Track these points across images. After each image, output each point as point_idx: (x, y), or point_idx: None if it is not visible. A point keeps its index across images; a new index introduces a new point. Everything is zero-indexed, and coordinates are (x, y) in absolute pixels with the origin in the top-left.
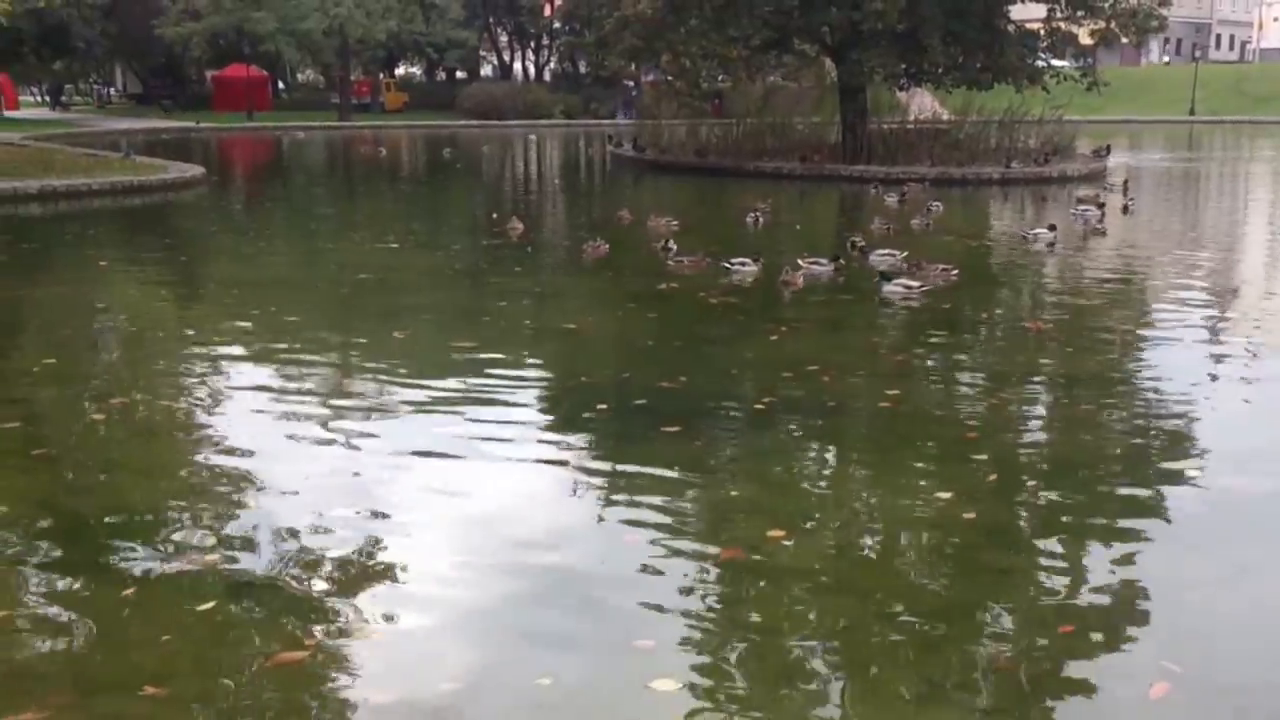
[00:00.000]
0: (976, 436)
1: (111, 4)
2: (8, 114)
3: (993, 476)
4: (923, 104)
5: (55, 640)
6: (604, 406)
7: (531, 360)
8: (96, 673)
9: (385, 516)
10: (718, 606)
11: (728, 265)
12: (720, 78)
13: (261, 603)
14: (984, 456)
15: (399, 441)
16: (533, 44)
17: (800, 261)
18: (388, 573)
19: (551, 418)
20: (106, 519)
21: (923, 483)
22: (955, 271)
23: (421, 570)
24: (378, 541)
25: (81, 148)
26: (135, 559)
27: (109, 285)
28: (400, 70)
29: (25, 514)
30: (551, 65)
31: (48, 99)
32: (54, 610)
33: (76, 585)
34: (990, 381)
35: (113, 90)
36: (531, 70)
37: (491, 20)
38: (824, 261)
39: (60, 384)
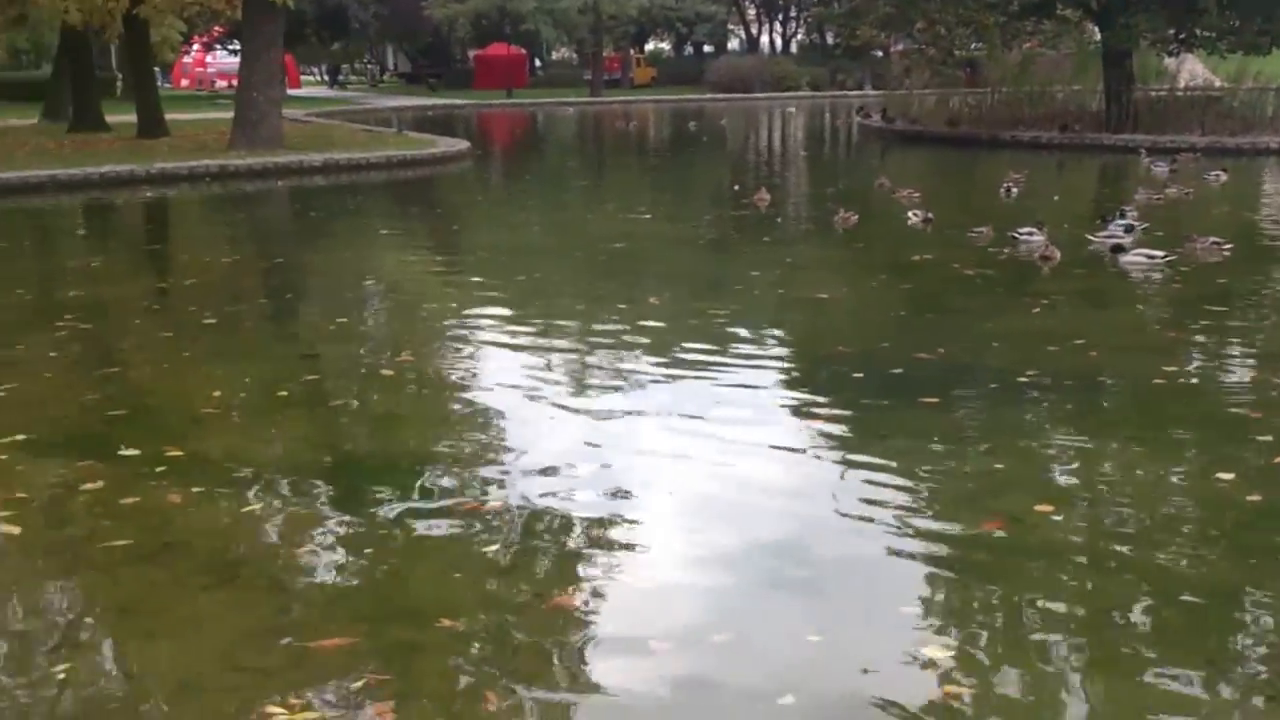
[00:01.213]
0: (1260, 417)
1: None
2: (291, 92)
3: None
4: (1193, 70)
5: (355, 573)
6: (859, 376)
7: (784, 328)
8: (393, 604)
9: (640, 477)
10: (984, 577)
11: (1015, 236)
12: (975, 45)
13: (536, 549)
14: (1269, 438)
15: (651, 403)
16: (780, 16)
17: (1090, 236)
18: (646, 530)
19: (806, 386)
20: (399, 465)
21: (1202, 463)
22: (1228, 245)
23: (679, 529)
24: (634, 501)
25: (358, 124)
26: (425, 502)
27: (388, 251)
28: (649, 46)
29: (326, 459)
30: (799, 37)
31: (326, 78)
32: (353, 545)
33: (372, 524)
34: (1272, 361)
35: (384, 70)
36: (779, 43)
37: None
38: (1120, 232)
39: (351, 342)
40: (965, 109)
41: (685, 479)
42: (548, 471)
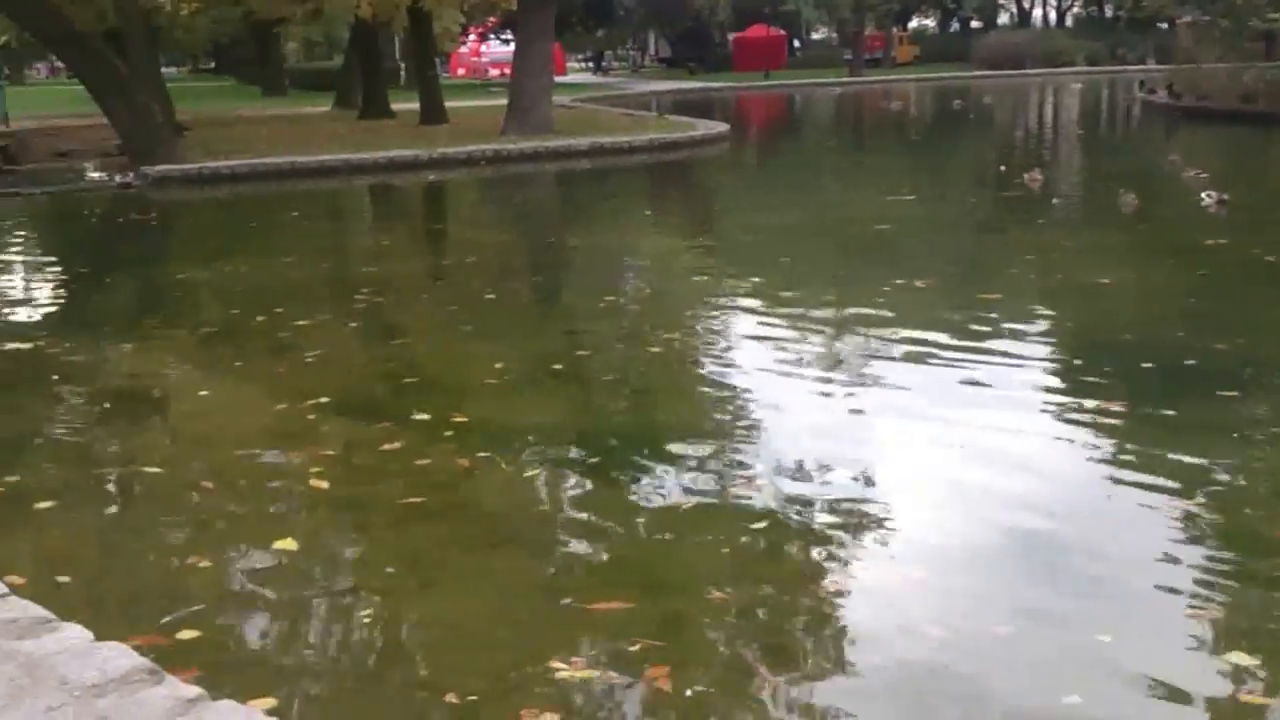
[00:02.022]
0: None
1: None
2: (558, 79)
3: None
4: None
5: (627, 541)
6: (1147, 366)
7: (1062, 314)
8: (664, 573)
9: (906, 463)
10: None
11: None
12: (1273, 15)
13: (801, 529)
14: None
15: (918, 388)
16: None
17: None
18: (913, 517)
19: (1086, 375)
20: (667, 440)
21: None
22: None
23: (948, 517)
24: (900, 487)
25: (620, 108)
26: (691, 477)
27: (651, 232)
28: (913, 23)
29: (598, 432)
30: (1075, 9)
31: (590, 65)
32: (625, 514)
33: (642, 495)
34: None
35: (645, 55)
36: (1052, 16)
37: None
38: None
39: (618, 319)
40: (1262, 84)
41: (954, 467)
42: (812, 454)
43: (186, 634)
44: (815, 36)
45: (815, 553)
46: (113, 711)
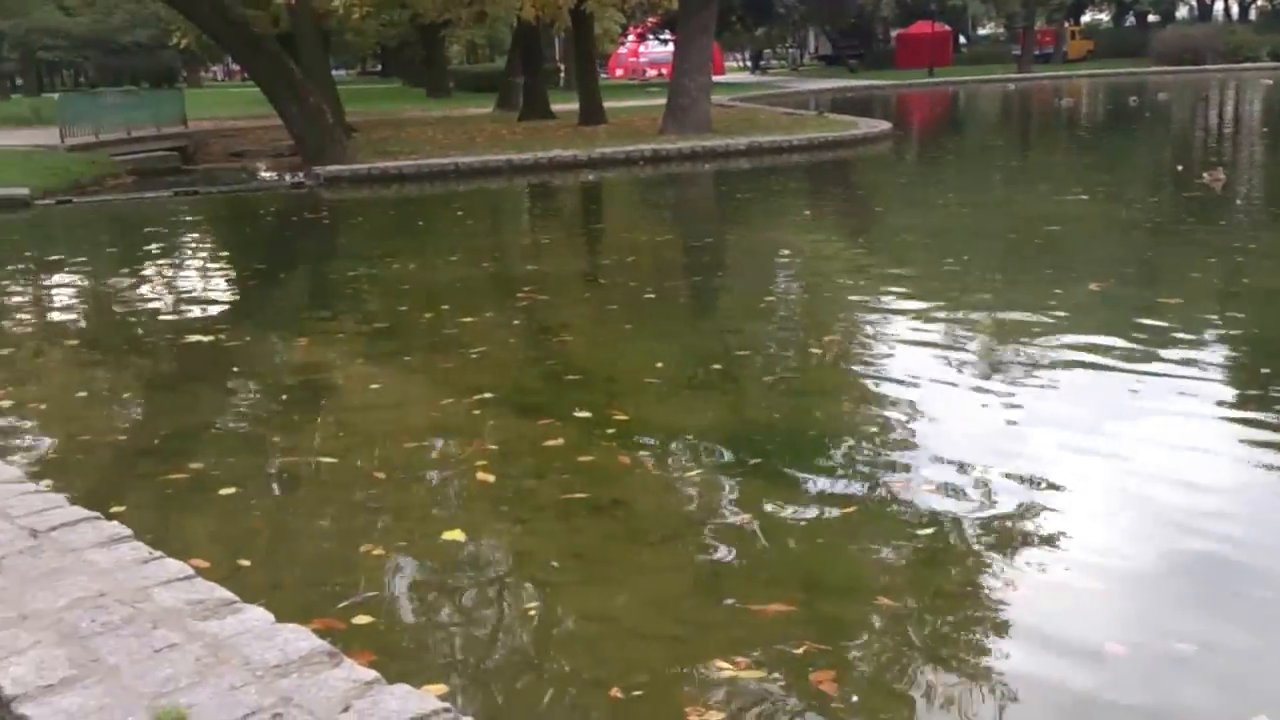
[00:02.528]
0: None
1: None
2: (715, 78)
3: None
4: None
5: (788, 543)
6: None
7: (1247, 321)
8: (827, 577)
9: (1073, 475)
10: None
11: None
12: None
13: (965, 536)
14: None
15: (1088, 396)
16: None
17: None
18: (1080, 529)
19: (1276, 385)
20: (828, 442)
21: None
22: None
23: (1117, 530)
24: (1064, 498)
25: (779, 107)
26: (854, 480)
27: (811, 232)
28: (1085, 17)
29: (759, 432)
30: (1259, 2)
31: (749, 64)
32: (786, 517)
33: (804, 497)
34: None
35: (804, 53)
36: (1234, 9)
37: None
38: None
39: (778, 320)
40: None
41: (1126, 479)
42: (976, 460)
43: (361, 619)
44: (982, 32)
45: (982, 560)
46: (294, 692)
